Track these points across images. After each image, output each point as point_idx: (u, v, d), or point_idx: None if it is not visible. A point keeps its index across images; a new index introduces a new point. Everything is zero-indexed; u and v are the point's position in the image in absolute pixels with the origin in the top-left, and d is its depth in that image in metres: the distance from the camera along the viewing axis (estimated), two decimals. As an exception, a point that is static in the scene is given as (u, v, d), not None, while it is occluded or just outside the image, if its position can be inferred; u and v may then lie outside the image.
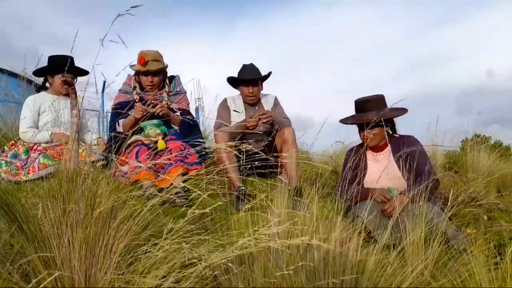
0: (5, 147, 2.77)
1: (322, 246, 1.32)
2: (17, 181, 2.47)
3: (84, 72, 2.91)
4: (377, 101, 2.35)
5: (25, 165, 2.66)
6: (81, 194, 1.29)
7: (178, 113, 2.98)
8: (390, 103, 2.49)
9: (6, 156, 2.70)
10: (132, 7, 1.34)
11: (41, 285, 0.99)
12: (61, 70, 2.80)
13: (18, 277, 1.22)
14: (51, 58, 2.90)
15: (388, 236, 1.61)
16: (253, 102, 3.02)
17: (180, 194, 2.32)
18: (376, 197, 2.18)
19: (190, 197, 2.27)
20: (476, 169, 4.61)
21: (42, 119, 2.85)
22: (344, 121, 2.52)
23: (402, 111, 2.40)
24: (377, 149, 2.46)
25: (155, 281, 1.12)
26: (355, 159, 2.46)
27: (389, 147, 2.44)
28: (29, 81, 4.14)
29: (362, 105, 2.40)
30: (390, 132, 2.51)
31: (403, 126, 2.59)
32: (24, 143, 2.79)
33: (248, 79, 2.92)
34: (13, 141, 2.83)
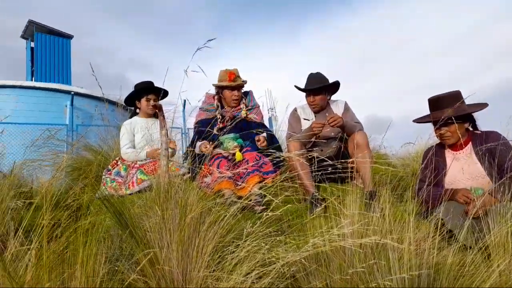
0: (109, 167, 3.24)
1: (395, 246, 1.36)
2: (120, 195, 2.87)
3: (165, 92, 3.28)
4: (452, 98, 2.26)
5: (125, 181, 3.07)
6: (175, 203, 1.51)
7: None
8: (471, 99, 2.38)
9: (110, 174, 3.15)
10: (208, 40, 1.54)
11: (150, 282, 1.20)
12: (145, 93, 3.26)
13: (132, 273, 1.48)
14: (135, 86, 3.34)
15: (469, 236, 1.56)
16: (316, 110, 3.09)
17: (258, 200, 2.50)
18: (458, 197, 2.10)
19: (265, 202, 2.42)
20: None
21: (136, 139, 3.27)
22: (419, 120, 2.47)
23: (481, 105, 2.27)
24: (456, 147, 2.35)
25: (240, 277, 1.28)
26: (434, 159, 2.39)
27: (470, 145, 2.32)
28: (125, 108, 4.75)
29: (437, 102, 2.33)
30: (471, 129, 2.39)
31: (488, 122, 2.44)
32: (124, 162, 3.23)
33: (311, 89, 3.01)
34: (114, 161, 3.29)
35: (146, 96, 3.31)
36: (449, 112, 2.16)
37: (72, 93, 9.76)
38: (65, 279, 1.36)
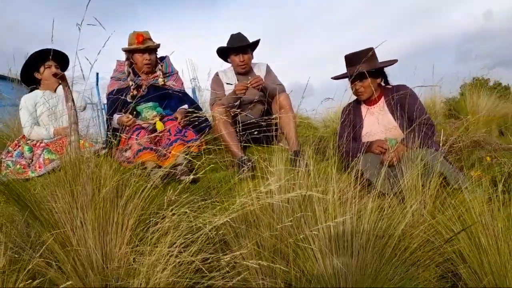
0: (9, 148, 2.83)
1: (320, 198, 1.38)
2: (25, 179, 2.54)
3: (66, 58, 2.90)
4: (365, 54, 2.34)
5: (31, 162, 2.73)
6: (86, 177, 1.35)
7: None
8: (387, 57, 2.49)
9: (12, 156, 2.77)
10: None
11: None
12: (41, 60, 2.85)
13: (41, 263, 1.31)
14: (30, 56, 2.89)
15: (385, 183, 1.65)
16: (245, 71, 3.03)
17: (183, 170, 2.39)
18: (374, 148, 2.22)
19: (191, 171, 2.33)
20: (476, 112, 4.62)
21: (39, 115, 2.89)
22: (336, 77, 2.54)
23: (391, 61, 2.40)
24: (371, 102, 2.48)
25: (165, 248, 1.19)
26: (351, 115, 2.49)
27: (383, 99, 2.46)
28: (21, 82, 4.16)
29: (352, 59, 2.41)
30: (383, 84, 2.53)
31: (399, 79, 2.59)
32: (27, 142, 2.85)
33: (238, 46, 2.92)
34: (16, 141, 2.89)
35: (44, 64, 2.89)
36: (363, 68, 2.24)
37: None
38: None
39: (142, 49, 2.87)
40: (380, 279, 1.28)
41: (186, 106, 2.96)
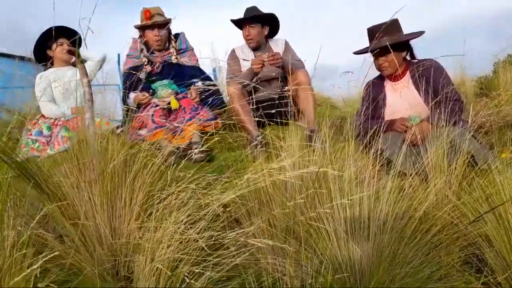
0: (28, 126, 2.87)
1: (335, 175, 1.30)
2: (45, 157, 2.57)
3: (79, 36, 2.88)
4: (389, 27, 2.19)
5: (49, 140, 2.76)
6: (93, 151, 1.32)
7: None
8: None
9: (31, 134, 2.80)
10: None
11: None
12: (54, 38, 2.80)
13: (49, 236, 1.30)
14: (41, 34, 2.87)
15: (406, 162, 1.55)
16: (253, 46, 2.91)
17: (198, 149, 2.35)
18: (396, 126, 2.10)
19: (207, 151, 2.29)
20: (510, 90, 4.34)
21: (55, 93, 2.89)
22: (358, 52, 2.40)
23: (417, 33, 2.24)
24: (395, 77, 2.33)
25: (171, 225, 1.15)
26: (373, 91, 2.36)
27: (408, 74, 2.31)
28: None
29: (374, 32, 2.25)
30: (408, 58, 2.37)
31: (428, 55, 2.41)
32: (46, 120, 2.87)
33: (243, 18, 2.81)
34: (35, 120, 2.92)
35: (56, 41, 2.87)
36: (386, 41, 2.10)
37: (-14, 52, 8.59)
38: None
39: (150, 25, 2.81)
40: (397, 262, 1.20)
41: (199, 83, 2.90)
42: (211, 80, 3.05)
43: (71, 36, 2.84)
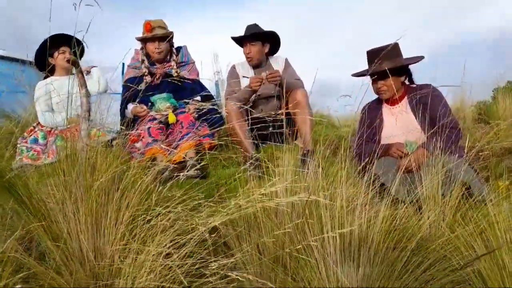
0: (25, 134, 2.85)
1: (327, 203, 1.27)
2: (38, 166, 2.54)
3: (81, 46, 2.88)
4: (389, 50, 2.19)
5: (44, 149, 2.74)
6: (80, 167, 1.29)
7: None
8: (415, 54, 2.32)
9: (26, 142, 2.78)
10: None
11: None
12: (56, 45, 2.84)
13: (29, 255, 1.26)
14: (44, 41, 2.86)
15: (401, 189, 1.52)
16: (253, 64, 2.91)
17: (193, 165, 2.32)
18: (392, 152, 2.08)
19: (202, 168, 2.26)
20: (508, 117, 4.33)
21: (54, 101, 2.89)
22: (357, 74, 2.39)
23: (417, 58, 2.24)
24: (393, 101, 2.32)
25: (155, 248, 1.12)
26: (370, 114, 2.35)
27: (406, 99, 2.30)
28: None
29: (374, 55, 2.26)
30: (407, 82, 2.37)
31: (427, 80, 2.40)
32: (42, 128, 2.86)
33: (243, 36, 2.82)
34: (31, 127, 2.90)
35: (58, 49, 2.88)
36: (385, 65, 2.09)
37: (-10, 55, 8.64)
38: None
39: (150, 37, 2.83)
40: (387, 297, 1.16)
41: (198, 98, 2.89)
42: (211, 95, 3.04)
43: (73, 43, 2.84)
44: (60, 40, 2.80)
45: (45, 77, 2.98)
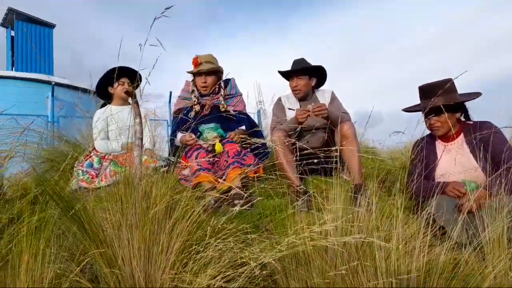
0: (82, 158, 3.03)
1: (381, 244, 1.21)
2: (93, 189, 2.68)
3: (135, 73, 3.03)
4: (443, 86, 2.12)
5: (98, 173, 2.88)
6: (137, 195, 1.34)
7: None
8: (467, 89, 2.25)
9: (82, 166, 2.95)
10: (166, 8, 1.37)
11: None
12: (117, 76, 3.02)
13: (85, 279, 1.31)
14: (106, 72, 3.09)
15: (463, 232, 1.42)
16: (300, 97, 2.94)
17: (239, 195, 2.34)
18: (449, 190, 1.97)
19: (247, 197, 2.26)
20: None
21: (110, 129, 3.07)
22: (408, 109, 2.33)
23: (474, 95, 2.14)
24: (448, 138, 2.22)
25: (206, 280, 1.12)
26: (424, 151, 2.26)
27: (462, 136, 2.19)
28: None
29: (427, 90, 2.20)
30: (463, 119, 2.27)
31: (483, 114, 2.30)
32: (97, 153, 3.02)
33: (291, 70, 2.86)
34: (87, 152, 3.08)
35: (119, 80, 3.08)
36: (439, 101, 2.02)
37: (53, 83, 9.42)
38: (8, 284, 1.18)
39: (195, 72, 2.95)
40: None
41: (243, 127, 2.95)
42: (257, 126, 3.10)
43: (132, 75, 3.04)
44: (120, 72, 3.00)
45: (103, 105, 3.18)
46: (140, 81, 3.15)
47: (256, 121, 6.72)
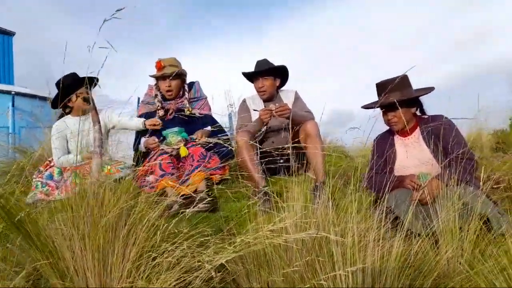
0: (41, 168, 2.91)
1: (338, 240, 1.23)
2: (51, 201, 2.57)
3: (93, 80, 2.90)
4: (399, 82, 2.19)
5: (58, 185, 2.77)
6: (87, 204, 1.30)
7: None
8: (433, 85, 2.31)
9: (42, 177, 2.83)
10: (117, 10, 1.34)
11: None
12: (74, 89, 2.86)
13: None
14: (59, 83, 2.83)
15: (415, 222, 1.47)
16: (266, 98, 2.96)
17: (203, 198, 2.31)
18: (406, 184, 2.03)
19: (212, 201, 2.25)
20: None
21: (71, 145, 2.92)
22: (367, 106, 2.39)
23: (427, 89, 2.23)
24: (405, 133, 2.30)
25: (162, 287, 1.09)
26: (384, 146, 2.32)
27: (418, 130, 2.27)
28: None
29: (383, 87, 2.26)
30: (418, 113, 2.34)
31: (441, 111, 2.37)
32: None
33: (255, 71, 2.87)
34: (47, 162, 2.96)
35: (76, 93, 2.89)
36: (395, 96, 2.09)
37: (13, 93, 9.04)
38: None
39: (158, 76, 2.90)
40: None
41: (209, 127, 2.93)
42: (222, 128, 3.08)
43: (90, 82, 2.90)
44: (77, 84, 2.86)
45: (60, 116, 3.05)
46: (97, 81, 3.03)
47: (228, 124, 6.69)
